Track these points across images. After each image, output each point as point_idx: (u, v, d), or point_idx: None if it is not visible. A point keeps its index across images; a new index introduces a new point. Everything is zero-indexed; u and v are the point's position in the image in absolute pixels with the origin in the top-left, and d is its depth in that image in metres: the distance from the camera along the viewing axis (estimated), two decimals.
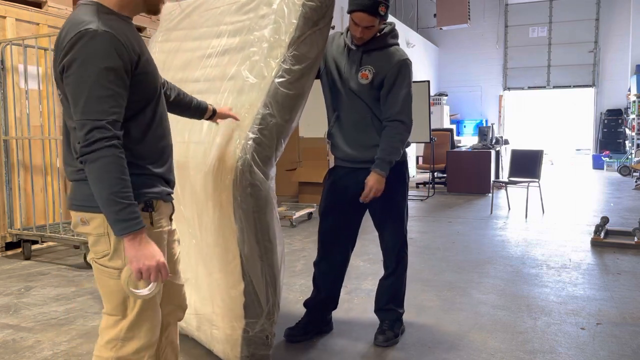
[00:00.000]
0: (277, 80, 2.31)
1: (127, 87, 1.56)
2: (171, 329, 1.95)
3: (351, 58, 2.75)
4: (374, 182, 2.67)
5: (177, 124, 2.66)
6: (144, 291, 1.60)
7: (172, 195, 1.81)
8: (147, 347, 1.69)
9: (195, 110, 2.16)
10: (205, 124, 2.51)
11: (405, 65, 2.71)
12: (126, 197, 1.49)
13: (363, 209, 2.88)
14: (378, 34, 2.73)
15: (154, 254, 1.55)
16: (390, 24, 2.79)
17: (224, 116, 2.26)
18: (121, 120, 1.54)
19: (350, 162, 2.83)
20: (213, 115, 2.23)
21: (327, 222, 2.89)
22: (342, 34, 2.86)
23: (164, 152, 1.73)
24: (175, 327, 1.98)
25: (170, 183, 1.78)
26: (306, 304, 3.00)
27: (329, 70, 2.83)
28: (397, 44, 2.78)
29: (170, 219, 1.81)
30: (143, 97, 1.64)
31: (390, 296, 2.95)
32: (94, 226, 1.63)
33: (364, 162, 2.77)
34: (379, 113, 2.75)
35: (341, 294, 3.06)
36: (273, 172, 2.34)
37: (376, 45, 2.72)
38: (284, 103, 2.31)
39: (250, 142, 2.23)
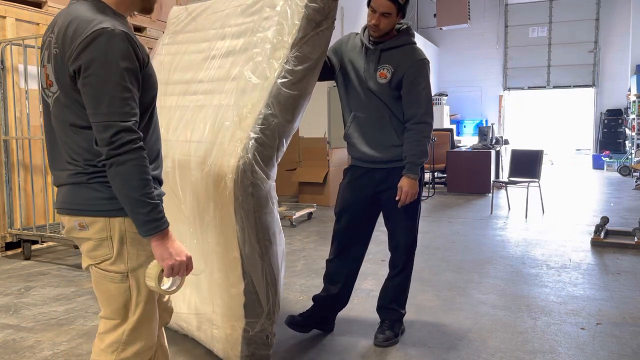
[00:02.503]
0: (279, 80, 2.31)
1: (140, 89, 1.54)
2: (160, 332, 1.92)
3: (369, 57, 2.75)
4: (408, 187, 2.69)
5: (179, 122, 2.67)
6: (172, 287, 1.61)
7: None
8: (147, 348, 1.69)
9: None
10: (207, 123, 2.51)
11: (424, 65, 2.72)
12: (153, 197, 1.50)
13: (378, 208, 2.89)
14: (395, 32, 2.74)
15: (182, 249, 1.56)
16: (407, 23, 2.80)
17: None
18: (138, 117, 1.53)
19: (368, 162, 2.83)
20: None
21: (343, 221, 2.89)
22: (357, 34, 2.87)
23: (159, 155, 1.71)
24: (162, 331, 1.95)
25: (162, 185, 1.77)
26: (314, 298, 2.99)
27: (345, 70, 2.82)
28: (414, 43, 2.78)
29: None
30: (147, 99, 1.61)
31: (394, 296, 2.95)
32: (94, 230, 1.58)
33: (381, 162, 2.79)
34: (398, 112, 2.75)
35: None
36: (274, 172, 2.34)
37: (394, 43, 2.72)
38: (286, 103, 2.32)
39: (252, 141, 2.23)
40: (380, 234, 3.22)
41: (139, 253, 1.61)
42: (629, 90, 13.28)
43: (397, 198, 2.71)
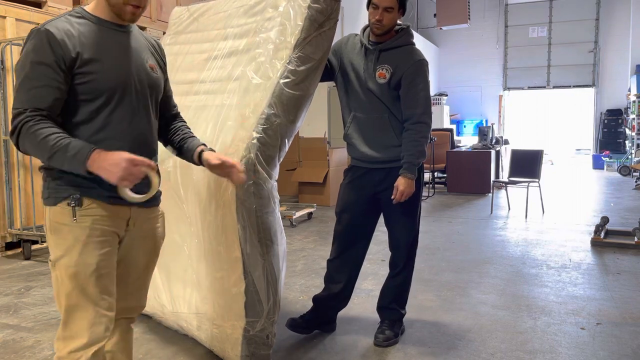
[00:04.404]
0: (282, 81, 2.32)
1: (64, 81, 1.59)
2: (122, 328, 1.93)
3: (368, 57, 2.76)
4: (405, 186, 2.69)
5: None
6: (144, 192, 1.65)
7: (130, 199, 1.66)
8: (89, 344, 1.66)
9: (185, 154, 1.99)
10: (210, 123, 2.52)
11: (422, 65, 2.72)
12: (55, 144, 1.53)
13: (379, 208, 2.89)
14: (394, 33, 2.74)
15: (115, 158, 1.53)
16: (406, 24, 2.80)
17: (215, 167, 1.91)
18: (48, 106, 1.57)
19: (367, 163, 2.83)
20: (200, 160, 1.94)
21: (344, 221, 2.90)
22: (356, 35, 2.87)
23: None
24: (128, 326, 1.96)
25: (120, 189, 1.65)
26: (315, 299, 2.99)
27: (345, 71, 2.83)
28: (413, 43, 2.79)
29: (128, 224, 1.77)
30: (82, 98, 1.64)
31: (395, 296, 2.95)
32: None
33: (381, 162, 2.79)
34: (397, 112, 2.76)
35: None
36: (276, 172, 2.35)
37: (393, 44, 2.73)
38: (289, 104, 2.32)
39: (254, 141, 2.24)
40: (380, 234, 3.22)
41: (58, 243, 1.67)
42: (629, 90, 13.29)
43: (392, 197, 2.72)
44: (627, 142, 13.57)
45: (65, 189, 1.65)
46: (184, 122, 2.10)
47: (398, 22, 2.77)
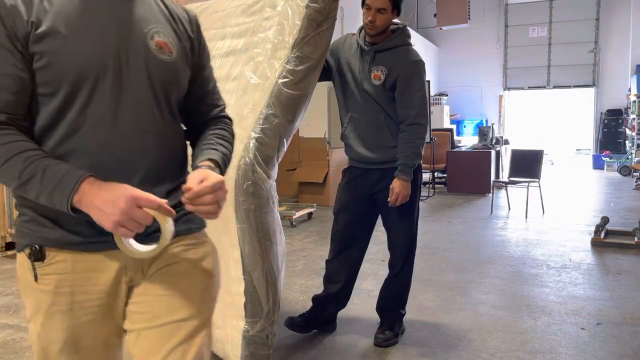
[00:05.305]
0: (280, 80, 2.31)
1: (24, 66, 1.08)
2: None
3: (364, 58, 2.75)
4: (400, 188, 2.69)
5: None
6: (139, 249, 1.11)
7: (108, 243, 1.13)
8: None
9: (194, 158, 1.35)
10: None
11: (418, 66, 2.71)
12: (34, 164, 1.05)
13: (377, 208, 2.89)
14: (390, 33, 2.73)
15: (112, 196, 1.03)
16: (403, 23, 2.80)
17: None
18: (5, 106, 1.07)
19: (364, 163, 2.83)
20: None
21: (341, 222, 2.90)
22: (353, 34, 2.87)
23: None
24: None
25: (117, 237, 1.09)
26: (314, 299, 2.99)
27: (342, 72, 2.82)
28: (410, 44, 2.78)
29: (123, 278, 1.20)
30: (41, 92, 1.11)
31: (394, 296, 2.95)
32: None
33: (378, 163, 2.79)
34: (393, 114, 2.75)
35: None
36: (275, 172, 2.35)
37: (388, 44, 2.72)
38: (287, 103, 2.32)
39: (253, 141, 2.24)
40: (380, 234, 3.22)
41: (27, 300, 1.20)
42: (629, 90, 13.28)
43: (387, 199, 2.72)
44: (627, 142, 13.56)
45: (28, 232, 1.16)
46: (222, 128, 1.40)
47: (396, 21, 2.76)
